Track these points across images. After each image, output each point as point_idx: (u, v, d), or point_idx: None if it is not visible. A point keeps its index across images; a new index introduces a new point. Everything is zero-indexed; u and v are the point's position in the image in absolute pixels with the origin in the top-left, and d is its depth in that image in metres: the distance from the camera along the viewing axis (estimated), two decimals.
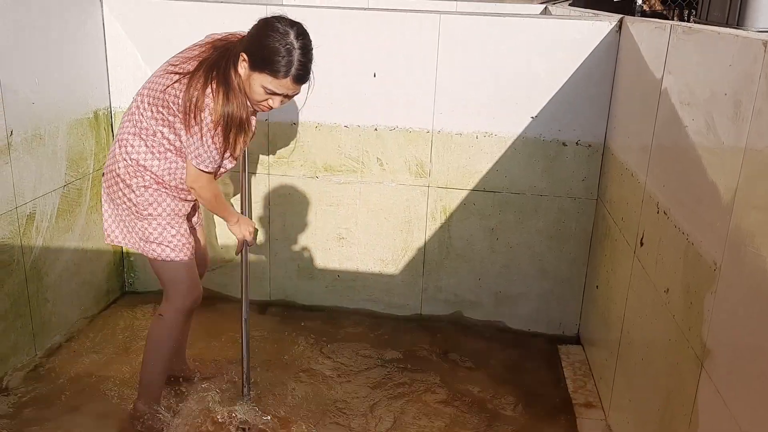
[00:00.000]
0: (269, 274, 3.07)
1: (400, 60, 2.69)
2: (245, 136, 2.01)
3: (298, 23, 1.95)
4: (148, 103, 2.01)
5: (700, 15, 5.46)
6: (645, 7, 6.21)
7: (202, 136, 1.93)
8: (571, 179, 2.75)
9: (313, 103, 2.79)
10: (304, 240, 3.01)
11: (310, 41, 1.96)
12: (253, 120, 2.06)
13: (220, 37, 2.08)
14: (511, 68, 2.64)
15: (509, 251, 2.88)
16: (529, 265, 2.89)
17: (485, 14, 2.69)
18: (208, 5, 2.76)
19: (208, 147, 1.95)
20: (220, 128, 1.93)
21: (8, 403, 2.33)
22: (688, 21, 6.01)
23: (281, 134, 2.85)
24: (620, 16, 2.67)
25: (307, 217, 2.97)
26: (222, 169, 2.08)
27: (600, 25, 2.55)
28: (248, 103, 1.97)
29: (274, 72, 1.89)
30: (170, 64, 2.02)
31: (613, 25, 2.55)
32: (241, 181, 2.36)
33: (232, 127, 1.95)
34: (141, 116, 2.02)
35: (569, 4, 6.96)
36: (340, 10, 2.71)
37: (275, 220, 2.98)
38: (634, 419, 2.02)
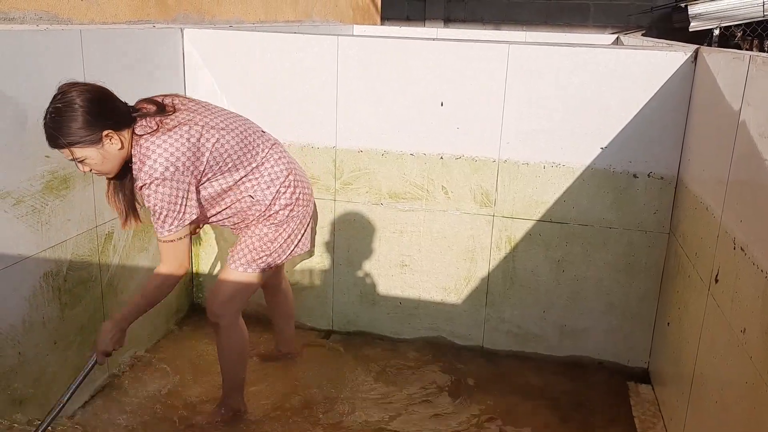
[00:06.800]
0: (332, 299, 3.10)
1: (467, 89, 2.71)
2: None
3: (70, 85, 1.89)
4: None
5: None
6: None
7: None
8: (642, 212, 2.68)
9: (380, 130, 2.85)
10: (367, 266, 3.03)
11: (68, 106, 1.85)
12: (138, 184, 2.01)
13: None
14: (581, 98, 2.61)
15: (576, 284, 2.82)
16: (596, 299, 2.82)
17: (555, 44, 2.68)
18: (282, 35, 2.85)
19: None
20: None
21: (81, 417, 2.42)
22: None
23: (348, 161, 2.90)
24: (696, 46, 2.60)
25: (370, 243, 2.99)
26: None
27: (675, 56, 2.50)
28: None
29: None
30: None
31: (688, 56, 2.49)
32: None
33: None
34: None
35: (642, 34, 6.85)
36: (408, 41, 2.76)
37: (339, 246, 3.02)
38: None
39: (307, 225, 2.34)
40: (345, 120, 2.86)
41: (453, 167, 2.81)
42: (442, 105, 2.75)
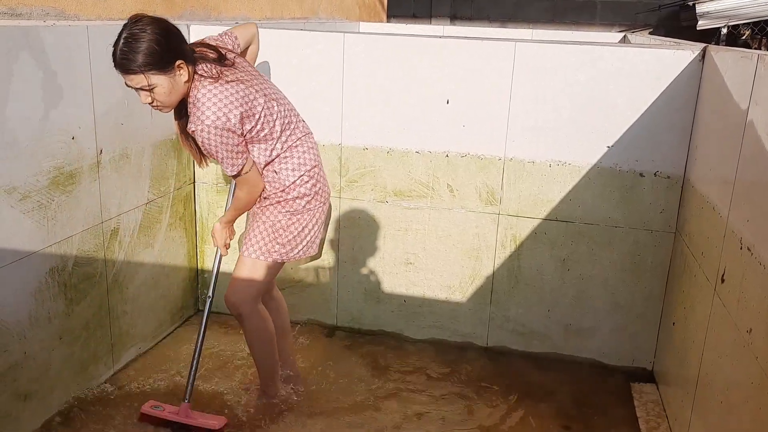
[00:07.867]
0: (337, 296, 3.10)
1: (473, 87, 2.70)
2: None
3: (141, 16, 1.92)
4: None
5: None
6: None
7: None
8: (648, 211, 2.67)
9: (385, 128, 2.84)
10: (372, 264, 3.03)
11: (143, 31, 1.88)
12: (191, 127, 2.05)
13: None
14: (588, 97, 2.60)
15: (581, 283, 2.81)
16: (601, 298, 2.81)
17: (562, 42, 2.67)
18: (288, 32, 2.85)
19: None
20: None
21: (83, 414, 2.43)
22: None
23: (353, 158, 2.90)
24: (704, 45, 2.59)
25: (375, 241, 2.99)
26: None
27: (682, 54, 2.49)
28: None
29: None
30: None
31: (696, 54, 2.48)
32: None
33: None
34: None
35: (649, 33, 6.83)
36: (414, 38, 2.75)
37: (344, 243, 3.02)
38: None
39: (321, 224, 2.34)
40: (351, 117, 2.85)
41: (458, 165, 2.81)
42: (447, 103, 2.74)
